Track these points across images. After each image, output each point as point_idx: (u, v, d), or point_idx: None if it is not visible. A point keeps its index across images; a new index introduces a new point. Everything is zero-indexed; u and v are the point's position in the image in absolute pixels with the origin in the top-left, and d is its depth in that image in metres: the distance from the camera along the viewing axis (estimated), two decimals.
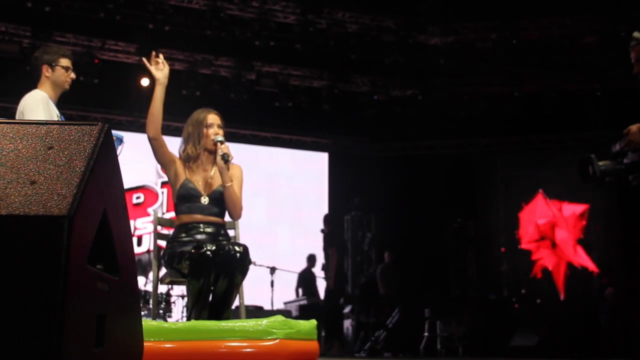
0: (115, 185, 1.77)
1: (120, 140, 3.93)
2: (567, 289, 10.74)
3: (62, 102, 3.96)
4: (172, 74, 4.00)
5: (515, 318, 9.57)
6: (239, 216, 3.98)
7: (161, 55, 3.90)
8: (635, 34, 3.39)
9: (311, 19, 9.37)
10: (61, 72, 3.91)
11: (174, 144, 3.98)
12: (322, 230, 10.16)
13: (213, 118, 3.96)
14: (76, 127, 1.66)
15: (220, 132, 3.94)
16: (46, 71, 3.88)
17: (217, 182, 3.91)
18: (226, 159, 3.83)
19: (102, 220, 1.63)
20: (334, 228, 10.34)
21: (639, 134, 3.34)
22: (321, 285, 10.24)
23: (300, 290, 10.25)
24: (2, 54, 8.88)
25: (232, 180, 3.90)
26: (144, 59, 3.95)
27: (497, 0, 9.56)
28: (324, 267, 10.08)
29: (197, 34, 9.28)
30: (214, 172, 3.92)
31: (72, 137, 1.63)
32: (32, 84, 3.90)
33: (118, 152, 3.83)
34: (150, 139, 3.87)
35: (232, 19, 9.24)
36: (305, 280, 10.28)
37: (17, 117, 3.75)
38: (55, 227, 1.42)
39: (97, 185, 1.59)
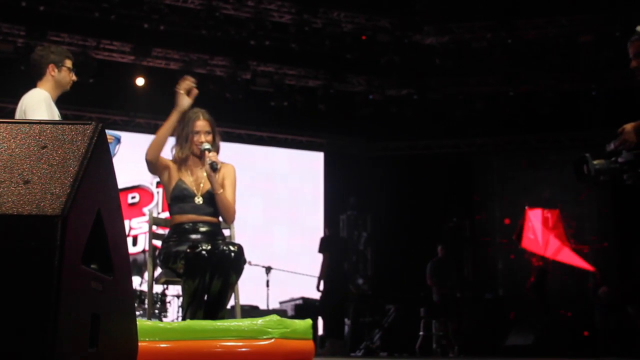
0: (109, 184, 1.77)
1: (118, 140, 3.92)
2: (561, 288, 10.75)
3: (57, 101, 3.94)
4: (167, 74, 3.99)
5: (510, 317, 9.59)
6: (232, 220, 3.97)
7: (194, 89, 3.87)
8: (639, 28, 3.38)
9: (306, 18, 9.36)
10: (66, 72, 3.91)
11: (168, 144, 3.96)
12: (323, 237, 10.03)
13: (201, 125, 3.89)
14: (70, 126, 1.65)
15: (209, 138, 3.88)
16: (52, 71, 3.86)
17: (209, 183, 3.89)
18: (214, 167, 3.78)
19: (96, 220, 1.63)
20: (333, 232, 10.29)
21: (633, 133, 3.35)
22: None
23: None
24: None
25: (222, 187, 3.87)
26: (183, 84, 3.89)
27: (492, 0, 9.56)
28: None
29: (192, 33, 9.26)
30: (205, 172, 3.89)
31: (66, 137, 1.62)
32: (29, 83, 3.88)
33: (115, 152, 3.82)
34: (147, 161, 3.83)
35: (227, 19, 9.23)
36: None
37: (18, 116, 3.73)
38: (49, 227, 1.41)
39: (91, 184, 1.59)
